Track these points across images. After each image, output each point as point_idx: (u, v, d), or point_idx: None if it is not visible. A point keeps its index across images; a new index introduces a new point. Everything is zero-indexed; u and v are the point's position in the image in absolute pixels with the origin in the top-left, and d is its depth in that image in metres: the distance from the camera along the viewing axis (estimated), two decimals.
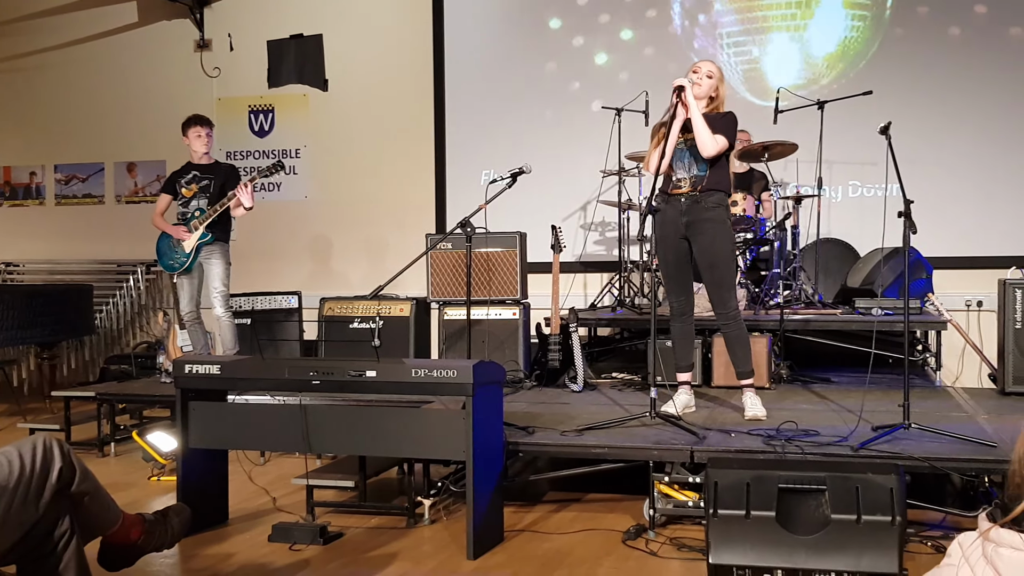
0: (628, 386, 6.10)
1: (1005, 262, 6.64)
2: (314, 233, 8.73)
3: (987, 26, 7.29)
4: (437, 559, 3.98)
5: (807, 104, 6.71)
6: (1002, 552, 1.49)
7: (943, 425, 4.44)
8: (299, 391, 4.23)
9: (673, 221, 4.85)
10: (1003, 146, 7.23)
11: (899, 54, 7.44)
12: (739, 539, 3.58)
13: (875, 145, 4.52)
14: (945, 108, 7.33)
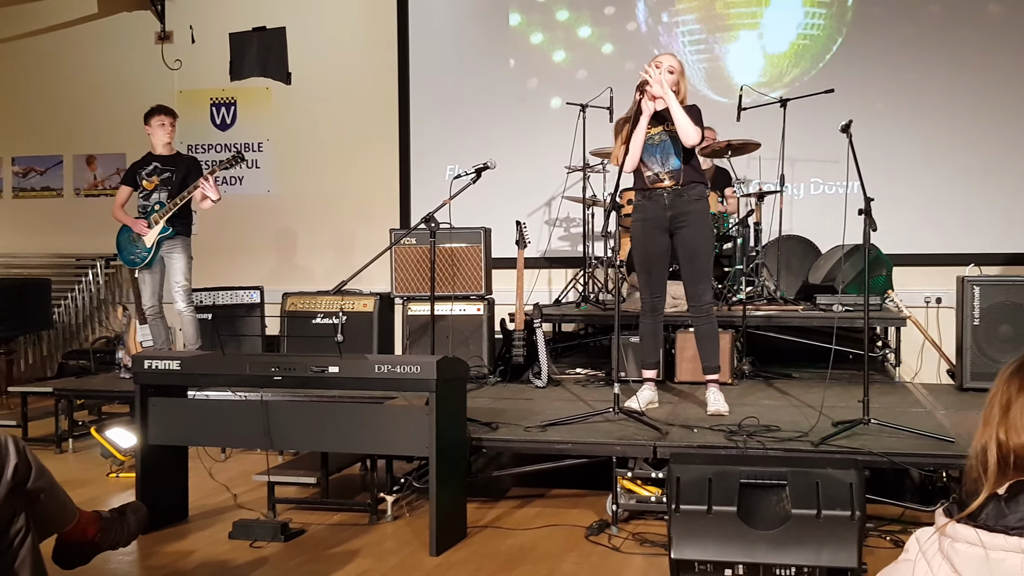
0: (592, 382, 6.10)
1: (964, 259, 6.73)
2: (277, 227, 8.67)
3: (944, 26, 7.37)
4: (399, 555, 3.97)
5: (770, 102, 6.75)
6: (958, 547, 1.50)
7: (902, 421, 4.48)
8: (260, 387, 4.20)
9: (656, 216, 4.85)
10: (962, 145, 7.32)
11: (860, 53, 7.51)
12: (701, 534, 3.60)
13: (837, 143, 4.55)
14: (905, 107, 7.42)
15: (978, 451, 1.60)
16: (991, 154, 7.26)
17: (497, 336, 6.39)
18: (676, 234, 4.86)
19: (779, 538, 3.55)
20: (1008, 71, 7.24)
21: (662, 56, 4.91)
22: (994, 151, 7.25)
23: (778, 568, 3.54)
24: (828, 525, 3.51)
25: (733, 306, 6.36)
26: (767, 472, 3.65)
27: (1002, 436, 1.56)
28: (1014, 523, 1.48)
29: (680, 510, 3.62)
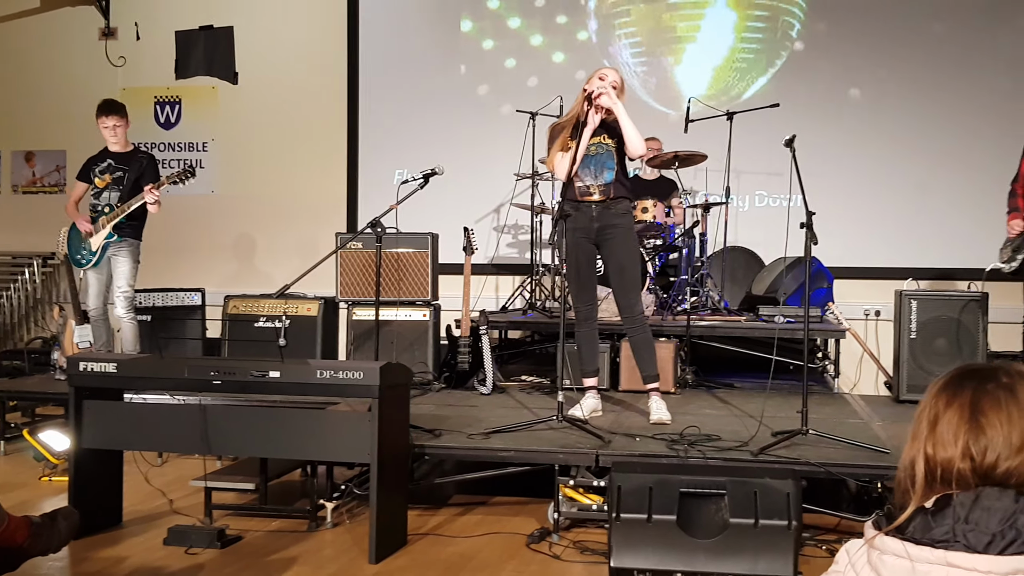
0: (537, 389, 6.12)
1: (902, 273, 6.86)
2: (221, 229, 8.57)
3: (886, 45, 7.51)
4: (338, 563, 3.94)
5: (717, 114, 6.83)
6: (886, 560, 1.53)
7: (840, 431, 4.55)
8: (199, 391, 4.14)
9: (584, 227, 4.90)
10: (902, 161, 7.46)
11: (805, 69, 7.63)
12: (640, 543, 3.63)
13: (781, 156, 4.62)
14: (848, 123, 7.55)
15: (906, 465, 1.63)
16: (929, 170, 7.41)
17: (443, 342, 6.38)
18: (602, 246, 4.93)
19: (717, 547, 3.59)
20: (946, 90, 7.40)
21: (606, 70, 4.98)
22: (932, 167, 7.41)
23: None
24: (765, 534, 3.56)
25: (677, 316, 6.41)
26: (706, 481, 3.69)
27: (929, 451, 1.59)
28: (940, 536, 1.51)
29: (620, 518, 3.65)
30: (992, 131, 7.18)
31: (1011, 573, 1.45)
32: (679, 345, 6.10)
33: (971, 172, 7.24)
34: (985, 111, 7.30)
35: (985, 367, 1.65)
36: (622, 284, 4.95)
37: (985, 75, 7.34)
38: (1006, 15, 7.34)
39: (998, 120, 7.18)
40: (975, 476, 1.55)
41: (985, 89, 7.33)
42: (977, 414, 1.57)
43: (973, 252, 6.95)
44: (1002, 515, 1.50)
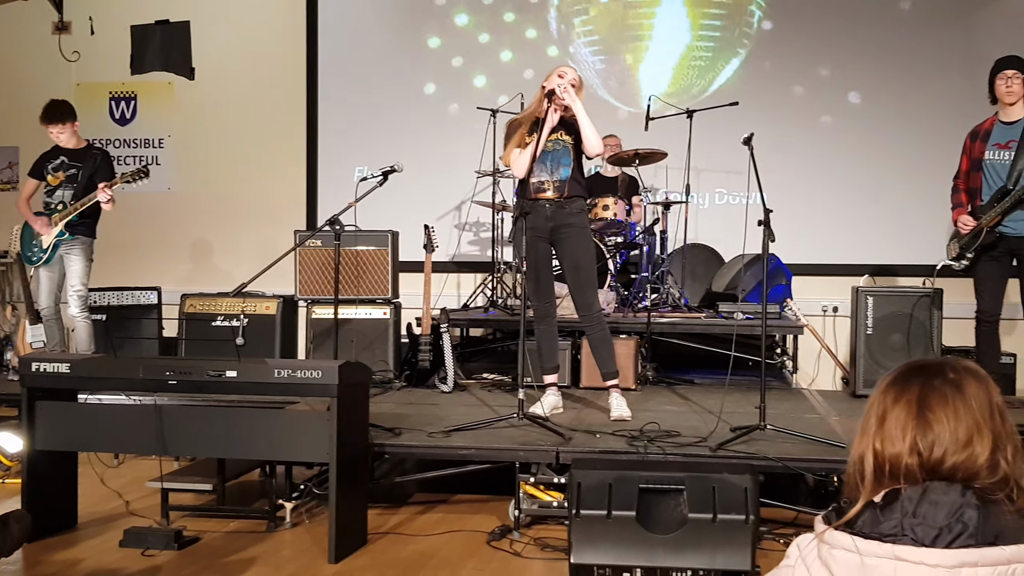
0: (498, 387, 6.13)
1: (859, 270, 6.94)
2: (177, 227, 8.48)
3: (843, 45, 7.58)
4: (297, 563, 3.93)
5: (676, 113, 6.87)
6: (836, 554, 1.55)
7: (797, 427, 4.59)
8: (155, 391, 4.11)
9: (539, 227, 4.92)
10: (859, 160, 7.54)
11: (765, 68, 7.69)
12: (600, 539, 3.64)
13: (741, 154, 4.65)
14: (805, 122, 7.62)
15: (856, 460, 1.65)
16: (886, 168, 7.50)
17: (403, 340, 6.37)
18: (558, 245, 4.96)
19: (676, 542, 3.61)
20: (902, 90, 7.49)
21: (565, 68, 4.99)
22: (889, 165, 7.49)
23: (675, 571, 3.60)
24: (723, 529, 3.59)
25: (638, 313, 6.44)
26: (666, 477, 3.72)
27: (878, 446, 1.61)
28: (888, 530, 1.53)
29: (580, 515, 3.66)
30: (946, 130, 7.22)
31: (958, 566, 1.47)
32: (640, 342, 6.13)
33: (927, 170, 7.32)
34: (939, 110, 7.39)
35: (932, 363, 1.67)
36: (578, 282, 4.97)
37: (939, 75, 7.44)
38: (958, 15, 7.44)
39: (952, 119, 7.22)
40: (923, 471, 1.57)
41: (939, 89, 7.42)
42: (924, 410, 1.59)
43: (929, 249, 7.04)
44: (949, 509, 1.52)
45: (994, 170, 5.16)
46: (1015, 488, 1.55)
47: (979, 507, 1.51)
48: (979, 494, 1.53)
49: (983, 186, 5.21)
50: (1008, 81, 5.08)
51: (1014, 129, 5.11)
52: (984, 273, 5.27)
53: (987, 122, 5.26)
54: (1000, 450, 1.57)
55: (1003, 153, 5.12)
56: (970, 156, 5.29)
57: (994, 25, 7.37)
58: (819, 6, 7.63)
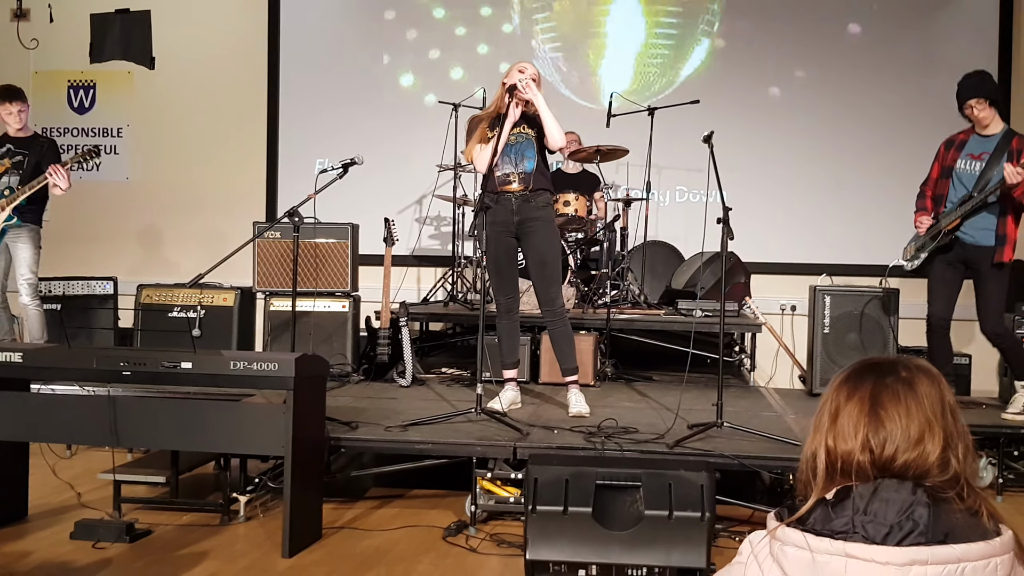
0: (457, 382, 6.11)
1: (818, 269, 6.98)
2: (135, 216, 8.36)
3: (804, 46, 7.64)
4: (250, 557, 3.89)
5: (638, 110, 6.87)
6: (787, 551, 1.54)
7: (754, 424, 4.63)
8: (109, 382, 4.05)
9: (503, 221, 4.90)
10: (818, 160, 7.60)
11: (727, 66, 7.72)
12: (556, 535, 3.64)
13: (701, 152, 4.66)
14: (766, 121, 7.65)
15: (808, 457, 1.65)
16: (845, 168, 7.55)
17: (362, 334, 6.33)
18: (524, 240, 4.94)
19: (632, 539, 3.61)
20: (861, 91, 7.55)
21: (524, 63, 4.98)
22: (848, 165, 7.55)
23: (630, 568, 3.60)
24: (679, 526, 3.60)
25: (598, 309, 6.45)
26: (622, 473, 3.72)
27: (830, 443, 1.61)
28: (839, 527, 1.53)
29: (537, 511, 3.66)
30: (904, 131, 7.36)
31: (908, 564, 1.47)
32: (599, 338, 6.14)
33: (885, 170, 7.40)
34: (897, 112, 7.47)
35: (885, 361, 1.67)
36: (543, 277, 4.96)
37: (897, 77, 7.51)
38: (917, 19, 7.51)
39: (909, 121, 7.35)
40: (874, 468, 1.57)
41: (897, 91, 7.49)
42: (877, 407, 1.60)
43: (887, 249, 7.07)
44: (900, 507, 1.52)
45: (962, 179, 5.20)
46: (965, 486, 1.56)
47: (930, 505, 1.52)
48: (930, 492, 1.53)
49: (950, 193, 5.25)
50: (974, 110, 5.11)
51: (989, 142, 5.15)
52: (937, 277, 5.32)
53: (963, 134, 5.29)
54: (951, 448, 1.57)
55: (974, 164, 5.17)
56: (942, 164, 5.32)
57: (950, 31, 7.46)
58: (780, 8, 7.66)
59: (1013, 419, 5.24)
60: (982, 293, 5.19)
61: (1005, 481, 5.10)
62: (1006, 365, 5.71)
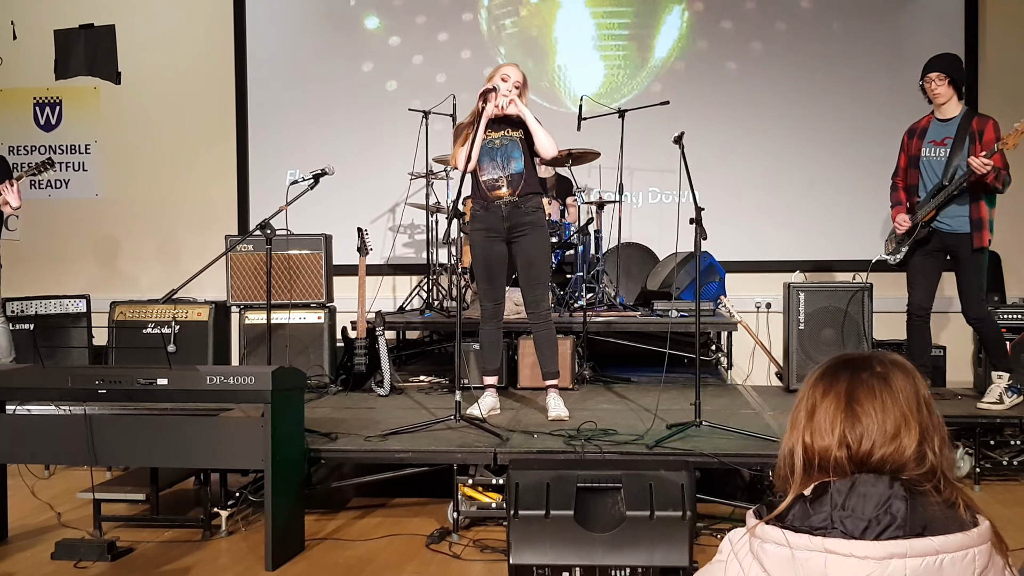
0: (435, 389, 6.10)
1: (791, 266, 7.03)
2: (106, 233, 8.31)
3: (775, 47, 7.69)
4: (234, 571, 3.87)
5: (608, 112, 6.89)
6: (767, 548, 1.55)
7: (732, 422, 4.65)
8: (84, 400, 4.02)
9: (494, 226, 4.90)
10: (789, 159, 7.64)
11: (696, 68, 7.76)
12: (539, 539, 3.65)
13: (673, 153, 4.67)
14: (737, 121, 7.69)
15: (786, 454, 1.66)
16: (815, 166, 7.61)
17: (339, 344, 6.30)
18: (514, 243, 4.93)
19: (614, 540, 3.63)
20: (832, 89, 7.61)
21: (508, 68, 4.93)
22: (818, 164, 7.60)
23: (613, 570, 3.62)
24: (661, 526, 3.61)
25: (574, 312, 6.46)
26: (603, 476, 3.73)
27: (807, 439, 1.62)
28: (818, 523, 1.54)
29: (519, 515, 3.66)
30: (874, 128, 7.41)
31: (887, 557, 1.49)
32: (576, 341, 6.14)
33: (855, 168, 7.46)
34: (868, 108, 7.52)
35: (860, 356, 1.69)
36: (529, 279, 4.96)
37: (866, 74, 7.57)
38: (884, 14, 7.58)
39: (879, 118, 7.40)
40: (851, 464, 1.59)
41: (867, 88, 7.55)
42: (852, 403, 1.61)
43: (860, 244, 7.19)
44: (877, 501, 1.53)
45: (931, 167, 5.25)
46: (942, 479, 1.57)
47: (907, 498, 1.53)
48: (907, 485, 1.55)
49: (920, 183, 5.30)
50: (932, 84, 5.16)
51: (949, 126, 5.20)
52: (917, 267, 5.36)
53: (924, 120, 5.34)
54: (927, 442, 1.59)
55: (939, 150, 5.21)
56: (908, 153, 5.37)
57: (918, 25, 7.53)
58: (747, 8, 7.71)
59: (989, 408, 5.29)
60: (963, 279, 5.23)
61: (982, 471, 5.16)
62: (981, 355, 5.77)
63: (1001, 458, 5.29)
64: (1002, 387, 5.32)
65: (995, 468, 5.27)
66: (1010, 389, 5.33)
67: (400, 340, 7.41)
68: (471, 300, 6.48)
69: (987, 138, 5.06)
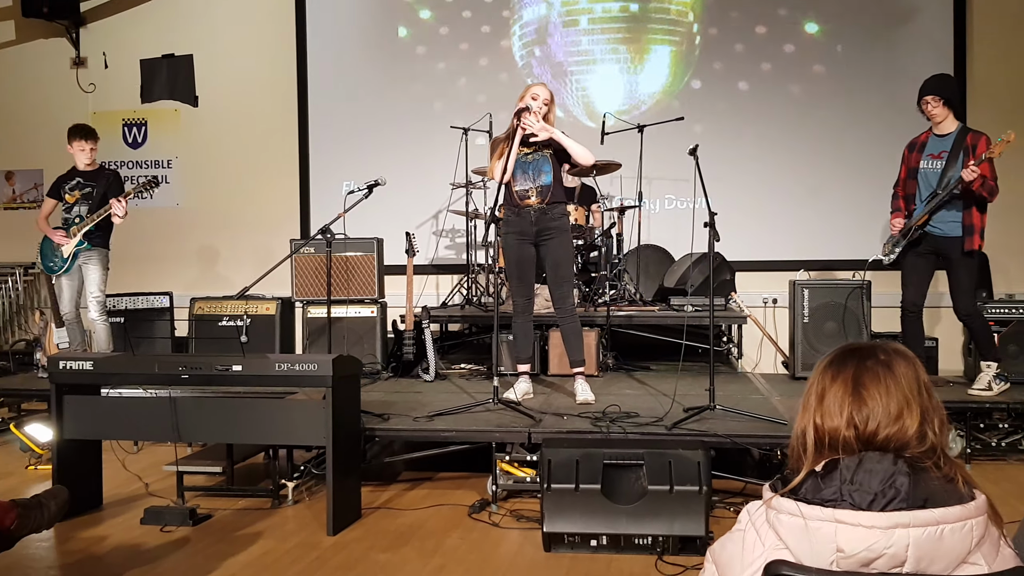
0: (475, 375, 6.09)
1: (795, 265, 6.93)
2: (185, 238, 8.39)
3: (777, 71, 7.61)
4: (299, 536, 3.89)
5: (629, 128, 6.85)
6: (782, 518, 1.53)
7: (743, 406, 4.61)
8: (169, 384, 4.06)
9: (524, 231, 4.88)
10: (794, 168, 7.55)
11: (707, 87, 7.69)
12: (569, 509, 3.64)
13: (687, 164, 4.64)
14: (746, 134, 7.61)
15: (798, 434, 1.64)
16: (818, 175, 7.51)
17: (389, 336, 6.32)
18: (541, 246, 4.91)
19: (637, 511, 3.61)
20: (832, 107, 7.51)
21: (537, 87, 4.90)
22: (821, 172, 7.51)
23: (636, 538, 3.60)
24: (679, 499, 3.59)
25: (599, 307, 6.43)
26: (627, 453, 3.72)
27: (818, 421, 1.60)
28: (829, 496, 1.52)
29: (551, 489, 3.66)
30: (871, 140, 7.32)
31: (892, 527, 1.46)
32: (601, 333, 6.12)
33: (854, 176, 7.37)
34: (865, 123, 7.41)
35: (865, 346, 1.66)
36: (556, 278, 4.94)
37: (865, 91, 7.47)
38: (880, 35, 7.47)
39: (876, 131, 7.31)
40: (858, 442, 1.56)
41: (865, 104, 7.45)
42: (859, 388, 1.59)
43: (856, 246, 7.09)
44: (882, 476, 1.51)
45: (927, 178, 5.17)
46: (942, 456, 1.55)
47: (909, 474, 1.50)
48: (909, 462, 1.52)
49: (917, 192, 5.23)
50: (928, 106, 5.09)
51: (945, 141, 5.12)
52: (910, 267, 5.28)
53: (923, 135, 5.27)
54: (928, 423, 1.56)
55: (935, 163, 5.14)
56: (908, 166, 5.30)
57: (911, 43, 7.41)
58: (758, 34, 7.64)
59: (979, 395, 5.21)
60: (954, 279, 5.15)
61: (973, 451, 5.08)
62: (971, 346, 5.67)
63: (990, 440, 5.21)
64: (990, 375, 5.24)
65: (984, 449, 5.19)
66: (998, 377, 5.24)
67: (443, 332, 7.40)
68: (506, 296, 6.47)
69: (979, 151, 4.99)
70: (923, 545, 1.46)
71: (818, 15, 7.57)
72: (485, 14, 7.98)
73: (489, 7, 7.97)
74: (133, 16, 8.48)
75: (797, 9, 7.59)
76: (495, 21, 7.97)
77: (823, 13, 7.56)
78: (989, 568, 1.48)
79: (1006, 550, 1.52)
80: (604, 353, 6.19)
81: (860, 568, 1.47)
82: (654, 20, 7.77)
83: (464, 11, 8.02)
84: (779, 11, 7.61)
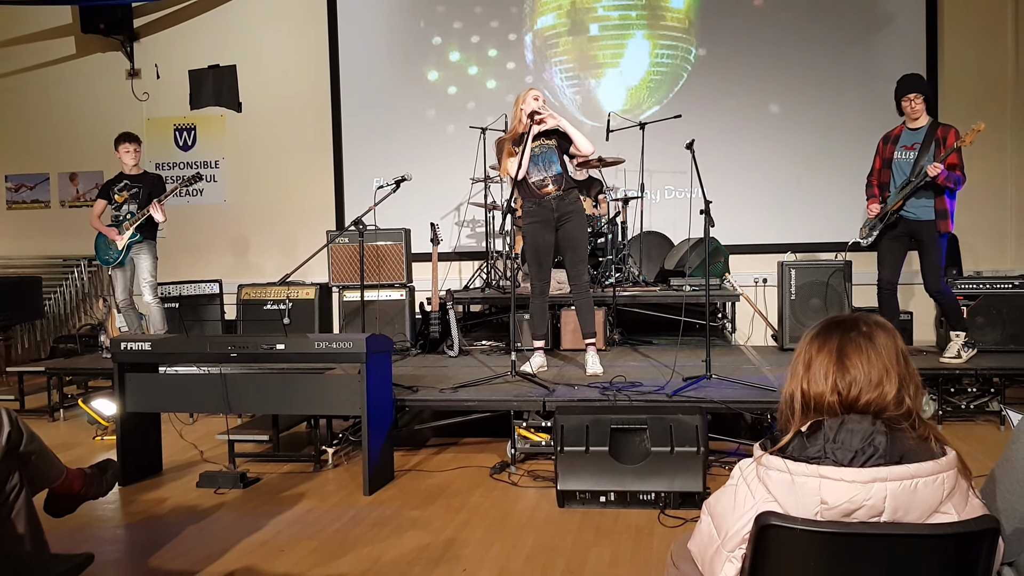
0: (495, 351, 6.10)
1: (783, 248, 6.92)
2: (232, 231, 8.42)
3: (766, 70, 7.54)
4: (339, 496, 3.92)
5: (631, 125, 6.82)
6: (771, 474, 1.54)
7: (737, 375, 4.60)
8: (220, 362, 4.09)
9: (546, 219, 4.87)
10: (781, 158, 7.51)
11: (703, 86, 7.63)
12: (580, 469, 3.65)
13: (684, 157, 4.62)
14: (737, 128, 7.56)
15: (787, 398, 1.64)
16: (803, 165, 7.46)
17: (417, 316, 6.33)
18: (561, 228, 4.90)
19: (641, 470, 3.62)
20: (814, 101, 7.45)
21: (532, 92, 4.90)
22: (804, 164, 7.46)
23: (641, 494, 3.62)
24: (679, 459, 3.60)
25: (606, 288, 6.42)
26: (632, 419, 3.72)
27: (804, 386, 1.60)
28: (813, 454, 1.52)
29: (564, 451, 3.67)
30: (850, 133, 7.26)
31: (870, 481, 1.47)
32: (608, 311, 6.11)
33: (835, 167, 7.31)
34: (845, 117, 7.36)
35: (848, 318, 1.66)
36: (574, 258, 4.94)
37: (844, 88, 7.40)
38: (859, 38, 7.40)
39: (854, 124, 7.25)
40: (841, 406, 1.57)
41: (844, 100, 7.39)
42: (843, 357, 1.58)
43: (839, 229, 7.02)
44: (862, 435, 1.51)
45: (900, 167, 5.13)
46: (917, 419, 1.55)
47: (887, 433, 1.51)
48: (887, 423, 1.52)
49: (891, 180, 5.19)
50: (911, 103, 5.04)
51: (918, 134, 5.08)
52: (885, 248, 5.25)
53: (897, 128, 5.22)
54: (905, 389, 1.56)
55: (908, 153, 5.10)
56: (882, 157, 5.25)
57: (888, 46, 7.33)
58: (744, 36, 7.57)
59: (949, 362, 5.18)
60: (925, 259, 5.11)
61: (944, 413, 5.06)
62: (942, 319, 5.64)
63: (960, 403, 5.18)
64: (959, 344, 5.21)
65: (955, 411, 5.17)
66: (966, 345, 5.21)
67: (466, 312, 7.40)
68: (522, 280, 6.47)
69: (949, 143, 4.94)
70: (899, 497, 1.46)
71: (801, 30, 7.49)
72: (509, 25, 7.94)
73: (513, 16, 7.93)
74: (182, 31, 8.49)
75: (780, 28, 7.52)
76: (510, 20, 7.93)
77: (805, 28, 7.48)
78: (959, 516, 1.48)
79: (974, 500, 1.52)
80: (611, 329, 6.18)
81: (842, 518, 1.47)
82: (653, 27, 7.70)
83: (492, 21, 7.97)
84: (766, 33, 7.54)
